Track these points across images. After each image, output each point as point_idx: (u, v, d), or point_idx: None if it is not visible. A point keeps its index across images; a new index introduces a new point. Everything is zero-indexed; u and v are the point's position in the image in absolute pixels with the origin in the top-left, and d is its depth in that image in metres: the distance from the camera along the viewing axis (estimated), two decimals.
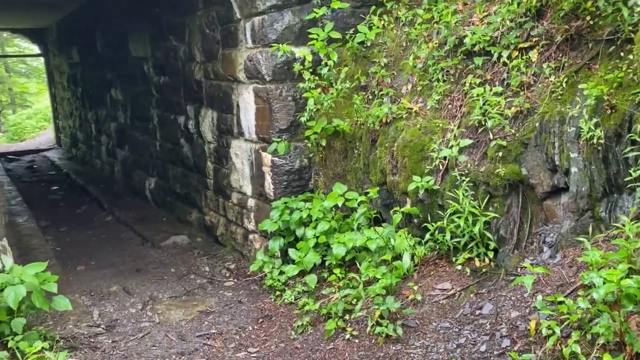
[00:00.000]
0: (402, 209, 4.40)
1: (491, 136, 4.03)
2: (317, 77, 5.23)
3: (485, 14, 4.56)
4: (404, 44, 5.27)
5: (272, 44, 5.15)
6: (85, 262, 6.92)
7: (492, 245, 4.03)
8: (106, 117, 11.55)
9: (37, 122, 22.15)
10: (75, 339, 4.55)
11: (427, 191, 4.33)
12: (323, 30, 5.15)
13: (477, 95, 4.14)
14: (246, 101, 5.70)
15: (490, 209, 4.05)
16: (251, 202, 5.98)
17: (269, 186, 5.55)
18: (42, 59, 18.77)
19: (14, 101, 31.94)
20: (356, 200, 4.81)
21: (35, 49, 19.10)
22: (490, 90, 4.13)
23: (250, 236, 6.07)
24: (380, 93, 5.05)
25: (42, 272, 4.35)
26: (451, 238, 4.11)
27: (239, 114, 5.90)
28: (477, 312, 3.55)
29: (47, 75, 17.82)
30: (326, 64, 5.16)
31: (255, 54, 5.35)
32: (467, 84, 4.35)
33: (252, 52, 5.43)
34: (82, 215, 9.48)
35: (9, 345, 4.03)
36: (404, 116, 4.76)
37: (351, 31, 5.42)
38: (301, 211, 5.15)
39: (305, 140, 5.41)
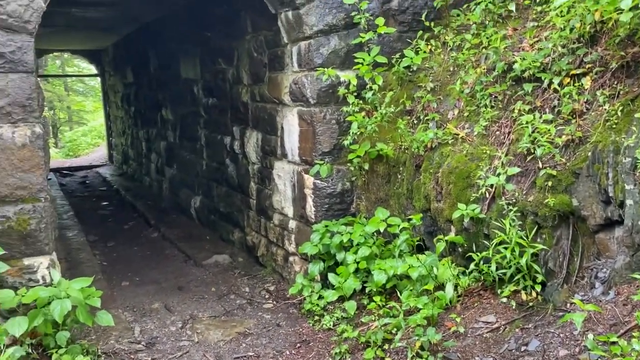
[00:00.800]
0: (446, 237, 4.29)
1: (540, 165, 3.90)
2: (361, 101, 5.23)
3: (536, 39, 4.45)
4: (451, 69, 5.21)
5: (318, 68, 5.19)
6: (130, 277, 7.06)
7: (540, 278, 3.86)
8: (156, 136, 11.88)
9: (92, 139, 23.05)
10: (116, 354, 4.62)
11: (473, 220, 4.21)
12: (369, 55, 5.15)
13: (526, 123, 4.02)
14: (290, 123, 5.74)
15: (539, 240, 3.90)
16: (292, 224, 5.97)
17: (310, 208, 5.54)
18: (98, 79, 19.55)
19: (71, 118, 33.41)
20: (398, 226, 4.73)
21: (92, 69, 19.98)
22: (540, 117, 4.01)
23: (291, 258, 6.05)
24: (426, 118, 4.98)
25: (87, 287, 4.45)
26: (497, 269, 3.97)
27: (283, 135, 5.95)
28: (523, 348, 3.39)
29: (102, 94, 18.54)
30: (371, 88, 5.15)
31: (301, 77, 5.40)
32: (516, 111, 4.24)
33: (297, 75, 5.48)
34: (129, 231, 9.72)
35: (53, 358, 4.12)
36: (449, 142, 4.67)
37: (397, 55, 5.41)
38: (342, 235, 5.11)
39: (348, 164, 5.39)
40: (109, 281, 6.84)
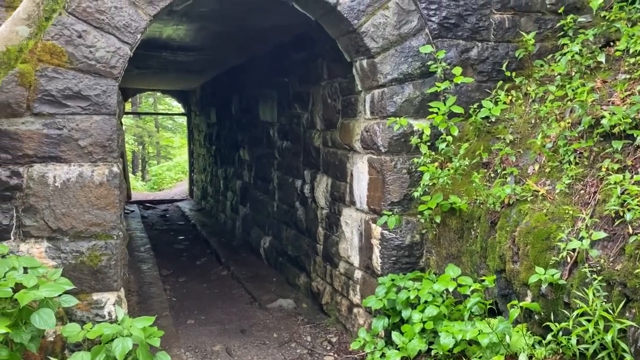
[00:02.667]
0: (521, 303, 3.95)
1: (630, 230, 3.52)
2: (434, 151, 5.05)
3: (628, 93, 4.12)
4: (533, 121, 4.94)
5: (390, 116, 5.09)
6: (196, 315, 7.11)
7: (628, 358, 3.43)
8: (233, 175, 12.18)
9: (176, 174, 24.12)
10: None
11: (551, 286, 3.86)
12: (444, 104, 5.00)
13: (615, 183, 3.68)
14: (360, 171, 5.64)
15: (627, 314, 3.48)
16: (358, 274, 5.79)
17: (376, 260, 5.35)
18: (185, 117, 20.55)
19: (160, 153, 35.30)
20: (470, 286, 4.43)
21: (181, 107, 21.06)
22: (631, 178, 3.65)
23: (355, 310, 5.85)
24: (504, 172, 4.71)
25: (150, 325, 4.48)
26: (577, 343, 3.58)
27: (352, 182, 5.85)
28: None
29: (187, 132, 19.44)
30: (444, 139, 4.97)
31: (372, 125, 5.31)
32: (603, 169, 3.90)
33: (369, 123, 5.40)
34: (201, 267, 9.89)
35: None
36: (528, 199, 4.37)
37: (475, 105, 5.22)
38: (409, 291, 4.86)
39: (418, 215, 5.18)
40: (176, 318, 6.92)
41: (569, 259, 3.83)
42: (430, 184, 4.99)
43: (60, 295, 4.04)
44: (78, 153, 4.35)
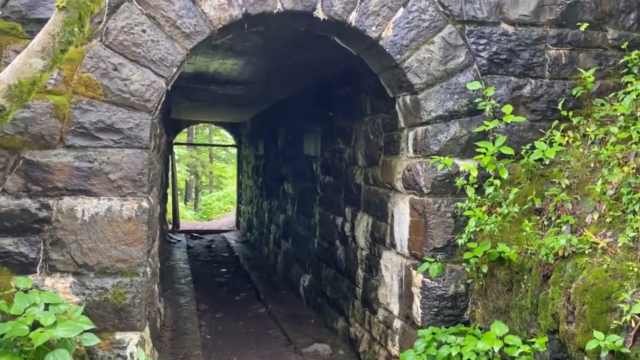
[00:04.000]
0: None
1: None
2: (481, 195, 4.68)
3: None
4: (592, 165, 4.51)
5: (434, 156, 4.77)
6: (229, 356, 6.85)
7: None
8: (277, 208, 12.05)
9: (225, 204, 24.33)
10: None
11: (613, 354, 3.38)
12: (493, 144, 4.65)
13: None
14: (401, 212, 5.32)
15: None
16: (397, 324, 5.40)
17: (416, 310, 4.96)
18: (236, 149, 20.79)
19: (212, 183, 35.93)
20: (518, 348, 3.98)
21: (233, 139, 21.34)
22: None
23: None
24: (558, 220, 4.29)
25: None
26: None
27: (393, 224, 5.52)
28: None
29: (237, 163, 19.63)
30: (491, 183, 4.60)
31: (415, 164, 5.01)
32: None
33: (412, 161, 5.10)
34: (239, 303, 9.68)
35: None
36: (586, 251, 3.92)
37: (527, 146, 4.84)
38: (451, 347, 4.44)
39: (464, 264, 4.79)
40: (208, 358, 6.69)
41: (633, 324, 3.36)
42: (477, 230, 4.61)
43: (81, 334, 3.90)
44: (108, 187, 4.26)
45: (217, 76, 8.71)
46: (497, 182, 4.52)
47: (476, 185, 4.72)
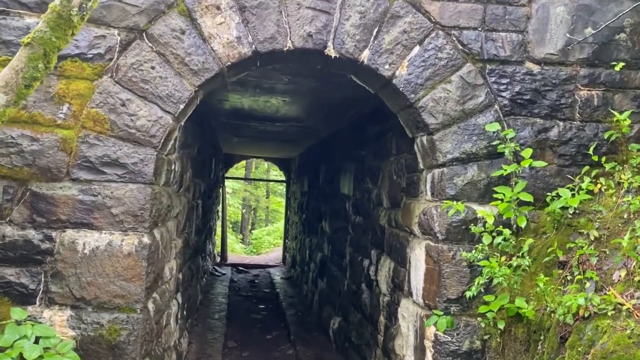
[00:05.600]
0: None
1: None
2: (500, 243, 4.33)
3: None
4: (625, 217, 4.10)
5: (450, 200, 4.49)
6: None
7: None
8: (316, 246, 11.87)
9: (274, 239, 24.38)
10: None
11: None
12: (512, 190, 4.32)
13: None
14: (417, 258, 5.02)
15: None
16: None
17: None
18: (285, 185, 20.91)
19: (268, 217, 36.28)
20: None
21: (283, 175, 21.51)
22: None
23: None
24: (580, 277, 3.88)
25: None
26: None
27: (410, 270, 5.22)
28: None
29: (285, 199, 19.69)
30: (500, 232, 4.25)
31: (430, 208, 4.73)
32: None
33: (428, 205, 4.83)
34: (270, 342, 9.48)
35: None
36: (609, 313, 3.50)
37: (554, 193, 4.47)
38: None
39: (479, 318, 4.42)
40: None
41: None
42: (493, 282, 4.25)
43: None
44: (110, 221, 4.26)
45: (253, 113, 8.79)
46: (507, 231, 4.17)
47: (495, 234, 4.38)
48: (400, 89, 4.55)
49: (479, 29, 4.58)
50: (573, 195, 4.31)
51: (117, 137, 4.28)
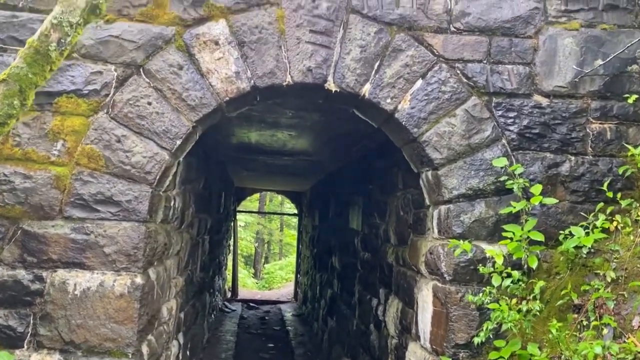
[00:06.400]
0: None
1: None
2: (510, 286, 4.09)
3: None
4: None
5: (457, 238, 4.28)
6: None
7: None
8: (326, 282, 11.61)
9: (286, 273, 24.05)
10: None
11: None
12: (522, 228, 4.10)
13: None
14: (424, 299, 4.78)
15: None
16: None
17: None
18: (297, 218, 20.73)
19: (282, 251, 35.94)
20: None
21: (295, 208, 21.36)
22: None
23: None
24: (596, 323, 3.62)
25: None
26: None
27: (417, 312, 4.97)
28: None
29: (297, 232, 19.48)
30: (508, 274, 4.01)
31: (437, 246, 4.52)
32: None
33: (435, 243, 4.62)
34: None
35: None
36: None
37: (567, 231, 4.25)
38: None
39: None
40: None
41: None
42: (502, 327, 4.00)
43: None
44: (102, 260, 4.12)
45: (261, 147, 8.71)
46: (516, 273, 3.94)
47: (505, 274, 4.14)
48: (403, 123, 4.41)
49: (484, 61, 4.45)
50: (587, 233, 4.07)
51: (112, 173, 4.18)
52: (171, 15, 4.31)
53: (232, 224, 17.47)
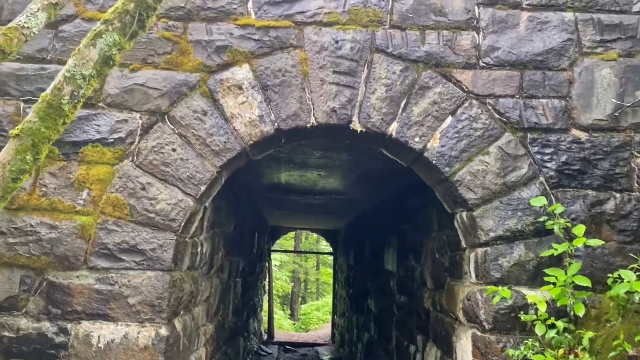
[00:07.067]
0: None
1: None
2: (554, 338, 3.77)
3: None
4: None
5: (496, 284, 4.02)
6: None
7: None
8: (363, 325, 11.26)
9: (324, 314, 23.58)
10: None
11: None
12: (565, 273, 3.81)
13: None
14: (463, 349, 4.48)
15: None
16: None
17: None
18: (333, 257, 20.43)
19: (319, 291, 35.44)
20: None
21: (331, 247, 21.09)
22: None
23: None
24: None
25: None
26: None
27: None
28: None
29: (333, 272, 19.16)
30: (552, 325, 3.70)
31: (475, 292, 4.26)
32: None
33: (473, 289, 4.36)
34: None
35: None
36: None
37: (616, 274, 3.92)
38: None
39: None
40: None
41: None
42: None
43: None
44: (126, 312, 4.02)
45: (291, 187, 8.62)
46: (561, 324, 3.63)
47: (550, 323, 3.84)
48: (434, 162, 4.23)
49: (517, 96, 4.27)
50: (639, 277, 3.75)
51: (137, 222, 4.12)
52: (196, 62, 4.32)
53: (266, 264, 17.32)
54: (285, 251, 26.01)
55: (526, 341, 3.74)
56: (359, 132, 4.27)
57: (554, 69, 4.31)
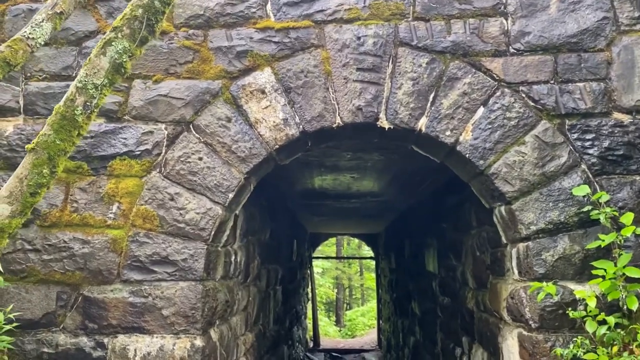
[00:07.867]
0: None
1: None
2: (606, 334, 3.53)
3: None
4: None
5: (540, 279, 3.81)
6: None
7: None
8: (408, 329, 11.03)
9: (369, 320, 23.32)
10: None
11: None
12: (615, 265, 3.57)
13: None
14: (509, 349, 4.27)
15: None
16: None
17: None
18: (374, 261, 20.22)
19: (364, 296, 35.18)
20: None
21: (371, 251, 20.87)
22: None
23: None
24: None
25: None
26: None
27: None
28: None
29: (375, 276, 18.93)
30: (603, 321, 3.46)
31: (519, 289, 4.05)
32: None
33: (516, 286, 4.14)
34: None
35: None
36: None
37: None
38: None
39: None
40: None
41: None
42: None
43: None
44: (161, 323, 4.00)
45: (325, 191, 8.53)
46: (612, 319, 3.39)
47: (601, 318, 3.60)
48: (467, 155, 4.06)
49: (551, 81, 4.06)
50: None
51: (167, 232, 4.10)
52: (217, 68, 4.29)
53: (307, 271, 17.26)
54: (326, 257, 25.92)
55: (575, 339, 3.51)
56: (386, 129, 4.14)
57: (590, 50, 4.08)
